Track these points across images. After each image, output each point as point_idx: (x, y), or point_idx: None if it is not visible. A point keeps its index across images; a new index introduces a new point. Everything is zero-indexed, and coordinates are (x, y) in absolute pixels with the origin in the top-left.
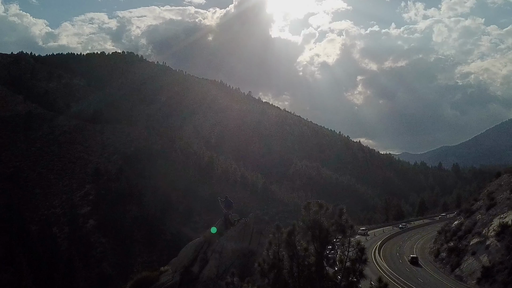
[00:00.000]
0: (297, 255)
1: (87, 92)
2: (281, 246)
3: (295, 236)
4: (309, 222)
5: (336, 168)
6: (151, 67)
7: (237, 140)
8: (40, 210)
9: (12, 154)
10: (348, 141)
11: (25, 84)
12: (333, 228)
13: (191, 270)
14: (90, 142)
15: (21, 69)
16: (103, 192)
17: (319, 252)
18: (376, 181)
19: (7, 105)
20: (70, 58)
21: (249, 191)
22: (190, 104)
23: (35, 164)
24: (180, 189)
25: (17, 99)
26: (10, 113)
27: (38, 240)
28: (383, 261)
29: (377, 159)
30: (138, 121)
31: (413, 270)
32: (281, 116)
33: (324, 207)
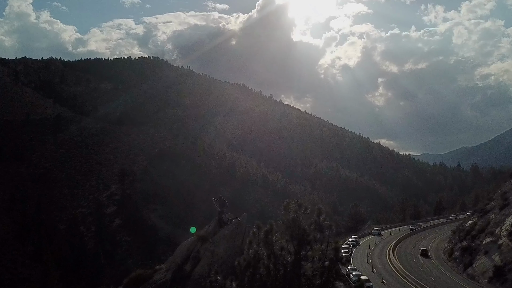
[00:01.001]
0: (274, 254)
1: (114, 95)
2: (260, 245)
3: (273, 235)
4: (288, 221)
5: (356, 168)
6: (175, 71)
7: (258, 141)
8: (68, 209)
9: (42, 156)
10: (368, 142)
11: (54, 88)
12: (312, 227)
13: (183, 268)
14: (116, 144)
15: (51, 74)
16: (129, 192)
17: (297, 251)
18: (395, 181)
19: (37, 109)
20: (98, 63)
21: (270, 191)
22: (213, 107)
23: (64, 165)
24: (203, 189)
25: (47, 103)
26: (40, 116)
27: (66, 238)
28: (397, 261)
29: (396, 159)
30: (163, 123)
31: (426, 269)
32: (301, 118)
33: (303, 207)
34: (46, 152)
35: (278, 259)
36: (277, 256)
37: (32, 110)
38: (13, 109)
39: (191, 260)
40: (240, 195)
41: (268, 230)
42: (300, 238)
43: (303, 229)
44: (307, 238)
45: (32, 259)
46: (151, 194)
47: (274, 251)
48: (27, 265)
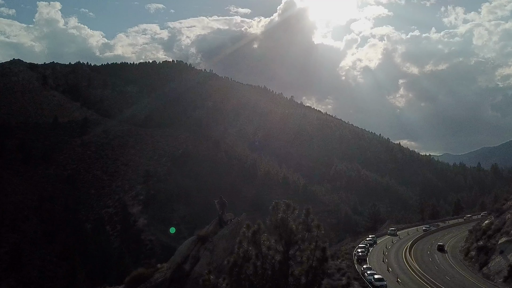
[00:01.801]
0: (261, 254)
1: (139, 98)
2: (249, 244)
3: (261, 235)
4: (276, 221)
5: (376, 169)
6: (198, 74)
7: (279, 142)
8: (94, 209)
9: (69, 158)
10: (388, 143)
11: (82, 92)
12: (300, 227)
13: (183, 267)
14: (141, 146)
15: (78, 78)
16: (153, 192)
17: (285, 250)
18: (415, 181)
19: (65, 112)
20: (124, 67)
21: (290, 192)
22: (234, 109)
23: (91, 166)
24: (224, 189)
25: (74, 106)
26: (67, 119)
27: (92, 237)
28: (413, 260)
29: (416, 160)
30: (186, 125)
31: (441, 268)
32: (322, 119)
33: (291, 208)
34: (74, 153)
35: (266, 258)
36: (264, 256)
37: (60, 113)
38: (41, 112)
39: (191, 259)
40: (261, 196)
41: (256, 230)
42: (287, 238)
43: (290, 229)
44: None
45: (59, 258)
46: (174, 194)
47: (261, 251)
48: (55, 263)
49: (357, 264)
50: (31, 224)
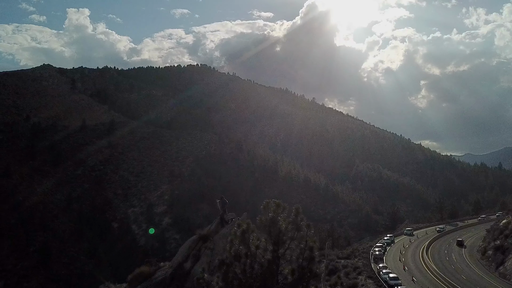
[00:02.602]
0: (250, 252)
1: (164, 101)
2: (240, 244)
3: (250, 234)
4: (266, 221)
5: (397, 169)
6: (222, 77)
7: (301, 143)
8: (121, 209)
9: (97, 159)
10: (409, 143)
11: (109, 95)
12: (290, 227)
13: (184, 265)
14: (166, 147)
15: (105, 82)
16: (177, 192)
17: (274, 249)
18: (436, 181)
19: (93, 115)
20: (150, 71)
21: (312, 192)
22: (257, 111)
23: (117, 167)
24: (246, 189)
25: (102, 109)
26: (95, 122)
27: (118, 236)
28: (430, 259)
29: (437, 160)
30: (210, 127)
31: (458, 267)
32: (343, 120)
33: (281, 207)
34: (101, 155)
35: (254, 257)
36: (253, 255)
37: (88, 116)
38: (70, 115)
39: (191, 258)
40: (283, 196)
41: (245, 229)
42: (276, 237)
43: (278, 228)
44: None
45: (86, 256)
46: (198, 194)
47: (250, 250)
48: (82, 261)
49: (373, 263)
50: (60, 223)
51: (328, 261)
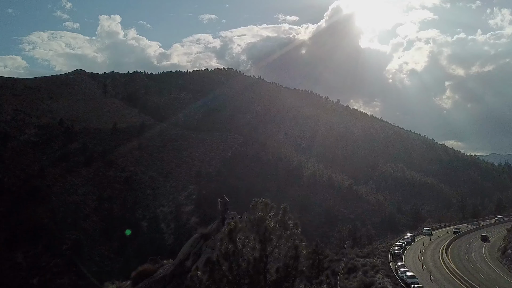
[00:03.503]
0: (237, 251)
1: (192, 104)
2: (229, 242)
3: (237, 233)
4: (254, 220)
5: (420, 169)
6: (247, 80)
7: (325, 144)
8: (150, 208)
9: (128, 160)
10: (433, 144)
11: (139, 99)
12: (277, 226)
13: (184, 263)
14: (194, 148)
15: (136, 86)
16: (204, 192)
17: (261, 248)
18: (460, 181)
19: (124, 118)
20: (178, 75)
21: (335, 192)
22: (282, 112)
23: (147, 168)
24: (271, 189)
25: (133, 112)
26: (126, 125)
27: (148, 235)
28: (449, 258)
29: (461, 160)
30: (235, 128)
31: (477, 266)
32: (367, 121)
33: (269, 206)
34: (132, 156)
35: (241, 255)
36: (239, 253)
37: (119, 119)
38: (102, 118)
39: (192, 256)
40: (307, 196)
41: (233, 228)
42: (263, 236)
43: (265, 227)
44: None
45: (116, 254)
46: (224, 194)
47: (237, 248)
48: (112, 259)
49: (392, 261)
50: (91, 222)
51: (347, 260)
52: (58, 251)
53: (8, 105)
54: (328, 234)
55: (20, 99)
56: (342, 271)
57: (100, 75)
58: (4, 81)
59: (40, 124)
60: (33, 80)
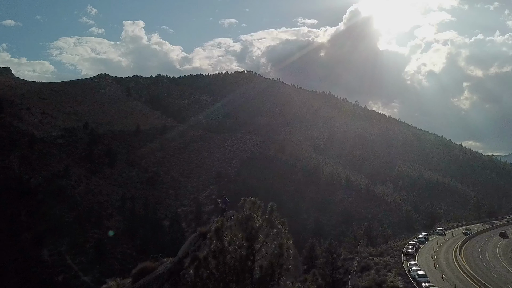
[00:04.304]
0: (224, 249)
1: (212, 106)
2: (217, 240)
3: (224, 232)
4: (242, 218)
5: (437, 169)
6: (266, 82)
7: (343, 145)
8: (172, 208)
9: (150, 161)
10: (450, 144)
11: (161, 101)
12: (264, 224)
13: (183, 261)
14: (214, 149)
15: (158, 89)
16: (224, 192)
17: (248, 246)
18: (477, 181)
19: (147, 120)
20: (199, 78)
21: (353, 192)
22: (300, 114)
23: (169, 169)
24: (290, 189)
25: (155, 115)
26: (149, 127)
27: (169, 233)
28: (462, 257)
29: (478, 160)
30: (254, 130)
31: (490, 265)
32: (385, 122)
33: (257, 205)
34: (154, 157)
35: (228, 253)
36: (226, 250)
37: (142, 121)
38: (126, 121)
39: (191, 254)
40: (324, 196)
41: (219, 226)
42: (249, 234)
43: (251, 225)
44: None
45: (139, 252)
46: (243, 194)
47: (223, 247)
48: (134, 257)
49: (405, 260)
50: (114, 221)
51: (360, 259)
52: (82, 249)
53: (35, 109)
54: (346, 234)
55: (47, 102)
56: (354, 269)
57: (124, 79)
58: (32, 85)
59: (66, 127)
60: (60, 84)
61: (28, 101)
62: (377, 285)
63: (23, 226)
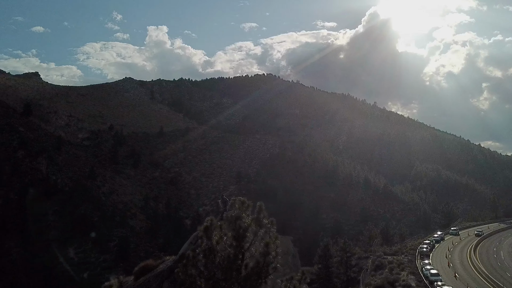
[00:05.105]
0: (212, 247)
1: (233, 108)
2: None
3: (212, 231)
4: (231, 218)
5: (456, 169)
6: (286, 84)
7: (361, 146)
8: (193, 207)
9: (173, 162)
10: (469, 144)
11: (184, 104)
12: (252, 223)
13: None
14: (234, 150)
15: (181, 92)
16: (244, 192)
17: (236, 245)
18: (496, 181)
19: (170, 122)
20: (220, 81)
21: (371, 192)
22: (319, 115)
23: (191, 169)
24: (308, 190)
25: (178, 117)
26: (172, 129)
27: (191, 232)
28: (477, 257)
29: (497, 160)
30: (274, 131)
31: (504, 265)
32: (403, 123)
33: (246, 204)
34: (177, 158)
35: (216, 251)
36: (214, 249)
37: (165, 123)
38: (149, 123)
39: None
40: (343, 196)
41: (208, 225)
42: (237, 233)
43: (239, 224)
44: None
45: (161, 250)
46: (263, 194)
47: (212, 246)
48: (157, 255)
49: (419, 259)
50: (138, 220)
51: (374, 257)
52: (107, 247)
53: (62, 112)
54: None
55: (74, 105)
56: (368, 268)
57: (148, 82)
58: (60, 89)
59: (91, 129)
60: (86, 88)
61: (56, 104)
62: (389, 284)
63: (50, 225)
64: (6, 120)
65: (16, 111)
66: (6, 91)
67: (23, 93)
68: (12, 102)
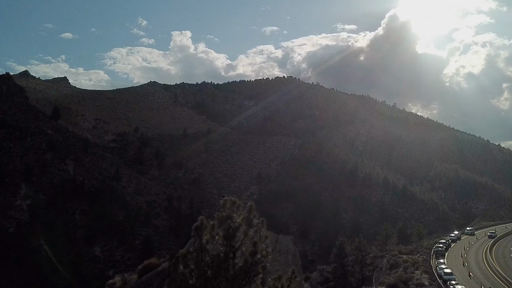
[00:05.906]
0: (203, 246)
1: (254, 110)
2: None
3: (203, 230)
4: (222, 217)
5: (475, 169)
6: (306, 86)
7: (381, 147)
8: (216, 207)
9: (196, 163)
10: (488, 144)
11: (207, 107)
12: (243, 223)
13: None
14: (255, 151)
15: (204, 95)
16: (264, 192)
17: (227, 245)
18: None
19: (193, 124)
20: (242, 84)
21: (390, 192)
22: (339, 117)
23: (213, 170)
24: (327, 190)
25: (201, 119)
26: (195, 131)
27: None
28: (493, 256)
29: None
30: (294, 132)
31: None
32: (423, 124)
33: (237, 204)
34: (199, 159)
35: (205, 251)
36: (204, 248)
37: (188, 125)
38: (173, 125)
39: None
40: (362, 196)
41: (199, 225)
42: (226, 233)
43: (229, 224)
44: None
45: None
46: (283, 194)
47: (202, 245)
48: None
49: (433, 258)
50: (161, 220)
51: (389, 257)
52: (131, 245)
53: (90, 115)
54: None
55: (101, 109)
56: (383, 267)
57: (172, 86)
58: (87, 93)
59: (117, 132)
60: (112, 92)
61: (83, 108)
62: (402, 283)
63: (77, 224)
64: (35, 124)
65: (45, 115)
66: (36, 96)
67: (52, 97)
68: (41, 106)
